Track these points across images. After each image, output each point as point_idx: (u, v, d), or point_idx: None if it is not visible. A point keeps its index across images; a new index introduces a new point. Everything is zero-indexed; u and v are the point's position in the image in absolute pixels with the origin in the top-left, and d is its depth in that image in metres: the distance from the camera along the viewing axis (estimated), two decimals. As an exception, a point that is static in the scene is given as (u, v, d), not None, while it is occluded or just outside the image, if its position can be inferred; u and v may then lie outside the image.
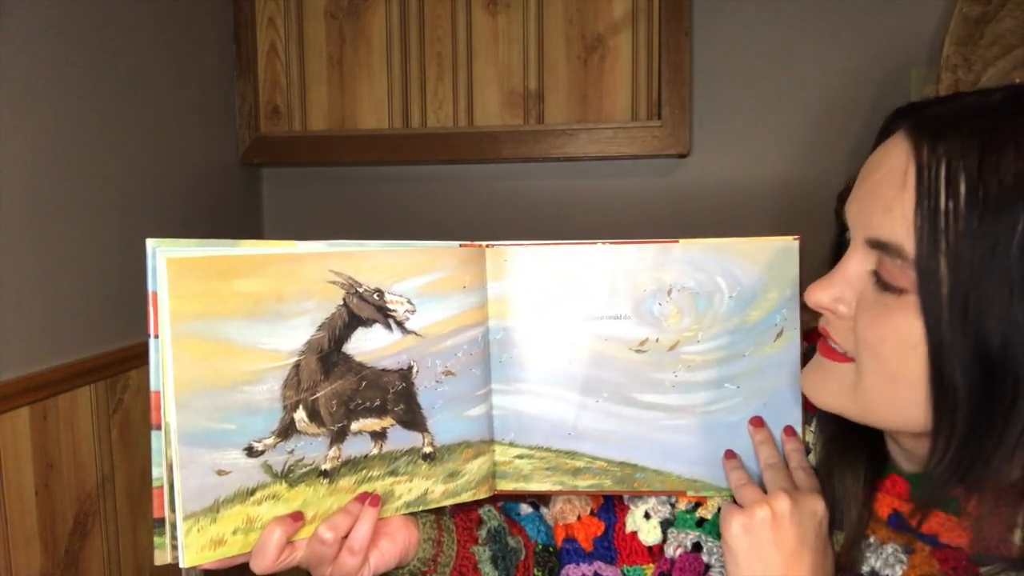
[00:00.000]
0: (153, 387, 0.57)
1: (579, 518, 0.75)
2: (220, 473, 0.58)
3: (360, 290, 0.63)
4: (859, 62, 1.56)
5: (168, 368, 0.56)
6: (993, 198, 0.46)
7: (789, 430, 0.67)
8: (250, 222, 1.73)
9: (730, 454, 0.67)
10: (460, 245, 0.67)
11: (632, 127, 1.59)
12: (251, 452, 0.59)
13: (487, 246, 0.68)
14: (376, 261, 0.63)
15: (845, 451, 0.62)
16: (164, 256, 0.55)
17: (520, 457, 0.70)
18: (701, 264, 0.66)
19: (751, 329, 0.67)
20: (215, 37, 1.60)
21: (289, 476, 0.61)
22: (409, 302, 0.65)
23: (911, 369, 0.51)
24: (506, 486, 0.70)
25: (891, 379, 0.52)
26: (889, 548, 0.59)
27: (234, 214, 1.66)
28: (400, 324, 0.65)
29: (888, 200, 0.51)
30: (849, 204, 0.55)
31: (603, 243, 0.67)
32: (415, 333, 0.65)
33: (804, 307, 0.65)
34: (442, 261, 0.66)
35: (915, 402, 0.52)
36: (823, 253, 0.61)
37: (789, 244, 0.66)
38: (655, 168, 1.66)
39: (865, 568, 0.59)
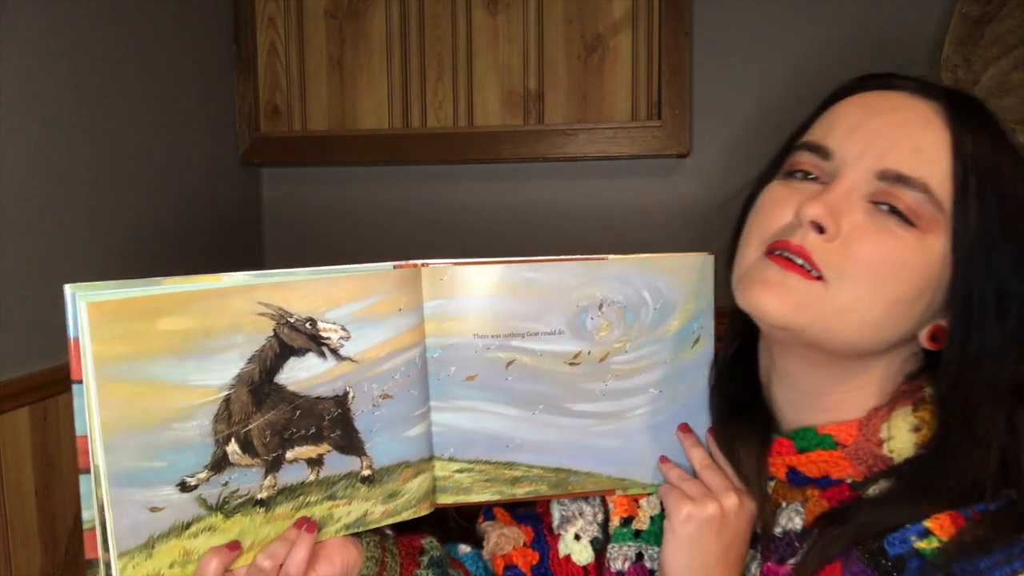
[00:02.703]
0: (79, 431, 0.58)
1: (514, 547, 0.79)
2: (153, 510, 0.58)
3: (291, 320, 0.62)
4: (859, 62, 1.55)
5: (94, 413, 0.56)
6: (1004, 167, 0.58)
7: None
8: (250, 222, 1.73)
9: (663, 459, 0.73)
10: (395, 266, 0.67)
11: (632, 127, 1.59)
12: (184, 487, 0.60)
13: (423, 264, 0.69)
14: (308, 290, 0.63)
15: (738, 432, 0.68)
16: (84, 301, 0.55)
17: (460, 471, 0.71)
18: (628, 279, 0.70)
19: (672, 338, 0.71)
20: (215, 37, 1.60)
21: (224, 507, 0.61)
22: (343, 329, 0.64)
23: (898, 287, 0.58)
24: (446, 499, 0.72)
25: (874, 295, 0.58)
26: (791, 507, 0.65)
27: (234, 214, 1.66)
28: (334, 351, 0.64)
29: (917, 141, 0.58)
30: (844, 137, 0.60)
31: (537, 260, 0.69)
32: (350, 359, 0.65)
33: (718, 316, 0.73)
34: (377, 285, 0.65)
35: (882, 322, 0.59)
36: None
37: (706, 259, 0.71)
38: (655, 168, 1.66)
39: (778, 531, 0.65)
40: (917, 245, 0.57)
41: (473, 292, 0.68)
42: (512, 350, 0.69)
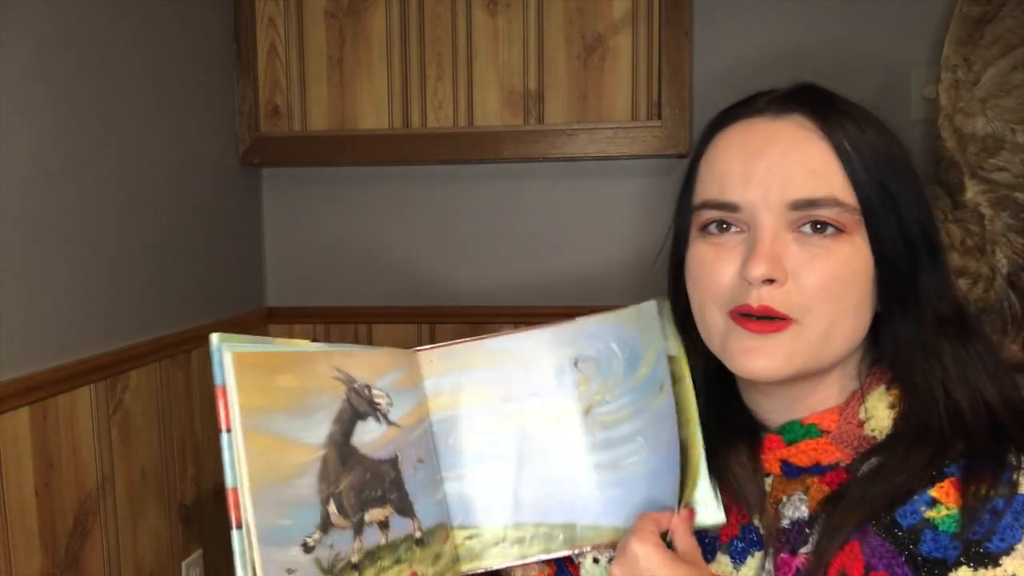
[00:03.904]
0: (229, 484, 0.56)
1: (539, 572, 0.80)
2: (289, 572, 0.58)
3: (355, 385, 0.66)
4: (859, 62, 1.56)
5: (243, 463, 0.56)
6: (874, 144, 0.64)
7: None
8: (250, 222, 1.73)
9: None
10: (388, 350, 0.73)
11: (632, 127, 1.59)
12: (306, 548, 0.59)
13: (415, 351, 0.74)
14: (362, 359, 0.67)
15: (729, 437, 0.70)
16: (230, 351, 0.56)
17: (470, 538, 0.73)
18: (597, 334, 0.73)
19: (643, 385, 0.72)
20: (215, 37, 1.60)
21: (333, 570, 0.61)
22: (387, 395, 0.69)
23: (855, 295, 0.63)
24: (463, 567, 0.73)
25: (841, 312, 0.63)
26: (795, 497, 0.67)
27: (234, 214, 1.66)
28: (385, 416, 0.68)
29: (807, 164, 0.62)
30: (741, 188, 0.64)
31: (507, 333, 0.73)
32: (395, 424, 0.69)
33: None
34: (399, 360, 0.71)
35: (855, 325, 0.64)
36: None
37: (648, 305, 0.73)
38: (655, 168, 1.66)
39: (785, 523, 0.67)
40: (851, 251, 0.63)
41: (459, 368, 0.73)
42: (503, 414, 0.72)
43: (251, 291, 1.73)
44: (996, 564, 0.57)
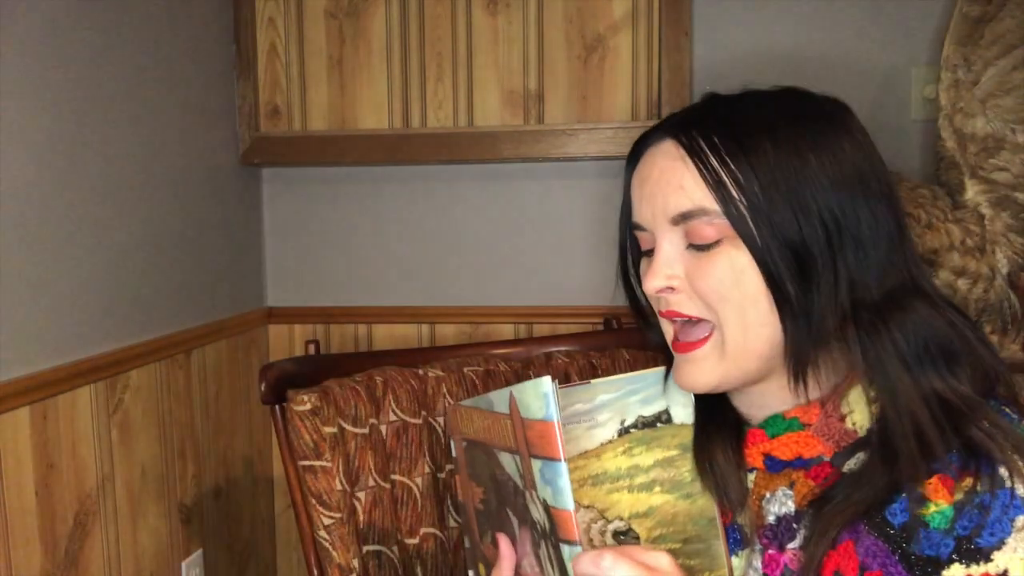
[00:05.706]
0: (569, 507, 0.59)
1: None
2: None
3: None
4: (859, 62, 1.56)
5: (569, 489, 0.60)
6: (744, 149, 0.65)
7: None
8: (250, 222, 1.73)
9: None
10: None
11: (632, 127, 1.59)
12: None
13: None
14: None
15: (714, 433, 0.72)
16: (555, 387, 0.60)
17: None
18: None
19: None
20: (215, 37, 1.60)
21: None
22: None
23: (747, 294, 0.65)
24: None
25: (741, 310, 0.65)
26: (779, 493, 0.69)
27: (234, 214, 1.66)
28: None
29: (676, 180, 0.67)
30: (640, 211, 0.70)
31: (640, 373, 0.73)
32: None
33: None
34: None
35: (764, 317, 0.66)
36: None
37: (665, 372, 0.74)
38: (655, 168, 1.66)
39: (771, 519, 0.68)
40: (735, 253, 0.65)
41: None
42: None
43: (251, 291, 1.73)
44: (988, 559, 0.58)
